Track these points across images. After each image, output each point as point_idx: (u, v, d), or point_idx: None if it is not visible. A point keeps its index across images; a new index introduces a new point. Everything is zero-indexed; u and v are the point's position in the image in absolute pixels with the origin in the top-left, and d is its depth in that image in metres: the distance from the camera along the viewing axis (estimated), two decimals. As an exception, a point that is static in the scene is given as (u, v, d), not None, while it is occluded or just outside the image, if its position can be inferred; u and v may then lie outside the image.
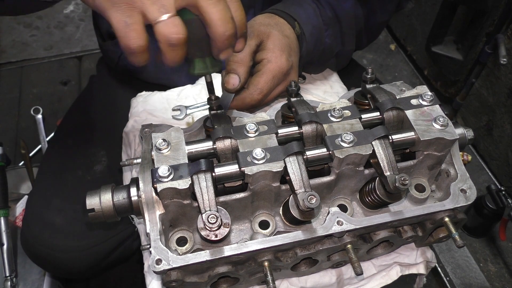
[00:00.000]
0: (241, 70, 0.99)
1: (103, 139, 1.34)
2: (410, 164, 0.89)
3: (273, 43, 1.03)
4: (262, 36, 1.04)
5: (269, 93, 1.04)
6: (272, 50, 1.02)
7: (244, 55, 1.00)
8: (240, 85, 1.00)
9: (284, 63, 1.02)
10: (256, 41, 1.03)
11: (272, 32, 1.04)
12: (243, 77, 1.00)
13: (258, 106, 1.04)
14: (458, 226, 0.90)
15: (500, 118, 2.27)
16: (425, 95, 0.89)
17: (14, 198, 1.79)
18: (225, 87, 1.00)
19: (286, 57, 1.03)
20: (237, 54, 1.00)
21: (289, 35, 1.07)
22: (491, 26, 2.18)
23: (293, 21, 1.10)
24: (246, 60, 1.00)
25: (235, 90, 1.00)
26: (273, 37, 1.03)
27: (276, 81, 1.03)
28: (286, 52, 1.04)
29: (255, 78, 1.02)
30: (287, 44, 1.05)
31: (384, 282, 1.00)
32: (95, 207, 0.80)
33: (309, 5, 1.14)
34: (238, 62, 1.00)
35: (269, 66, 1.01)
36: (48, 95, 2.88)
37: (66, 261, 1.19)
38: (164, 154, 0.80)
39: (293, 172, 0.78)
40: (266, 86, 1.01)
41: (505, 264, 2.18)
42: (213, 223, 0.74)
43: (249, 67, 1.02)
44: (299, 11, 1.12)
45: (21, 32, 3.26)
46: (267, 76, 1.01)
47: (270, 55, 1.02)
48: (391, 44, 3.28)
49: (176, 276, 0.76)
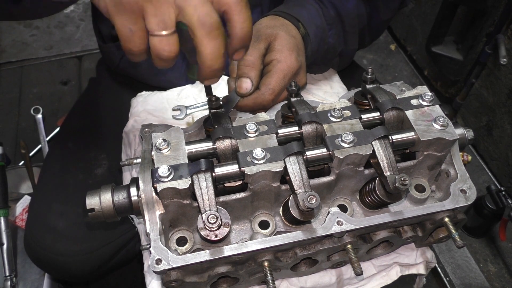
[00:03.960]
0: (252, 74, 0.99)
1: (104, 142, 1.34)
2: (410, 164, 0.89)
3: (281, 43, 1.03)
4: (270, 38, 1.04)
5: (280, 93, 1.03)
6: (281, 51, 1.02)
7: (254, 59, 1.00)
8: (253, 89, 1.00)
9: (294, 63, 1.03)
10: (265, 44, 1.03)
11: (279, 33, 1.04)
12: (255, 80, 1.00)
13: (269, 106, 1.04)
14: (458, 226, 0.90)
15: (500, 118, 2.27)
16: (425, 95, 0.88)
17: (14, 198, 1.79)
18: (237, 91, 1.00)
19: (295, 56, 1.03)
20: (248, 58, 1.00)
21: (295, 35, 1.08)
22: (491, 26, 2.18)
23: (297, 22, 1.10)
24: (257, 63, 1.01)
25: (248, 94, 1.00)
26: (281, 38, 1.03)
27: (287, 80, 1.03)
28: (295, 52, 1.04)
29: (266, 79, 1.02)
30: (295, 44, 1.05)
31: (384, 282, 1.00)
32: (95, 207, 0.80)
33: (312, 6, 1.14)
34: (249, 66, 1.00)
35: (279, 66, 1.01)
36: (48, 95, 2.88)
37: (68, 265, 1.19)
38: (164, 154, 0.80)
39: (293, 172, 0.78)
40: (278, 86, 1.01)
41: (505, 264, 2.18)
42: (213, 223, 0.74)
43: (260, 70, 1.02)
44: (302, 12, 1.12)
45: (21, 32, 3.26)
46: (278, 76, 1.01)
47: (279, 56, 1.02)
48: (391, 44, 3.28)
49: (176, 276, 0.76)
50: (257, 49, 1.02)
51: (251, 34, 0.72)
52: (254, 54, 1.01)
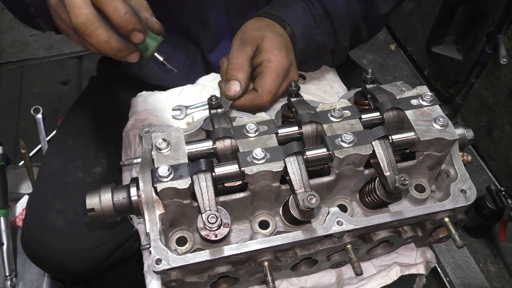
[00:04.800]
0: (241, 76, 1.00)
1: (103, 140, 1.34)
2: (410, 164, 0.89)
3: (269, 43, 1.03)
4: (257, 40, 1.04)
5: (276, 92, 1.04)
6: (271, 50, 1.03)
7: (242, 61, 1.01)
8: (242, 90, 1.00)
9: (284, 60, 1.03)
10: (252, 47, 1.04)
11: (266, 34, 1.05)
12: (244, 82, 1.00)
13: (266, 107, 1.04)
14: (458, 226, 0.90)
15: (500, 119, 2.27)
16: (425, 95, 0.89)
17: (14, 198, 1.79)
18: (226, 94, 1.00)
19: (285, 54, 1.04)
20: (235, 61, 1.01)
21: (282, 34, 1.08)
22: (491, 27, 2.18)
23: (283, 22, 1.11)
24: (245, 66, 1.01)
25: (237, 96, 1.00)
26: (268, 38, 1.04)
27: (281, 79, 1.03)
28: (284, 50, 1.04)
29: (260, 80, 1.02)
30: (283, 43, 1.06)
31: (384, 282, 1.00)
32: (95, 207, 0.80)
33: (298, 5, 1.14)
34: (237, 68, 1.00)
35: (271, 66, 1.02)
36: (48, 94, 2.88)
37: (66, 263, 1.19)
38: (164, 154, 0.80)
39: (293, 172, 0.78)
40: (273, 85, 1.02)
41: (505, 264, 2.18)
42: (213, 223, 0.74)
43: (249, 72, 1.02)
44: (288, 12, 1.12)
45: (21, 31, 3.26)
46: (271, 75, 1.01)
47: (269, 55, 1.02)
48: (391, 44, 3.28)
49: (176, 276, 0.76)
50: (244, 52, 1.02)
51: (127, 18, 0.77)
52: (241, 57, 1.02)
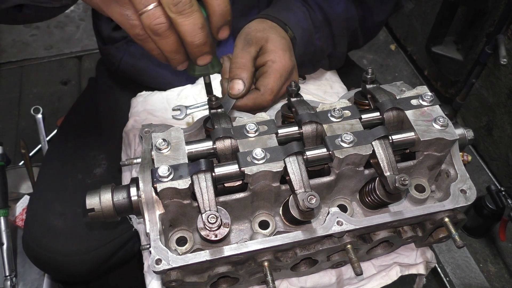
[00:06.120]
0: (244, 75, 1.00)
1: (103, 142, 1.34)
2: (410, 165, 0.89)
3: (273, 44, 1.04)
4: (261, 41, 1.05)
5: (278, 92, 1.04)
6: (275, 51, 1.03)
7: (245, 61, 1.01)
8: (245, 90, 1.00)
9: (288, 62, 1.03)
10: (256, 48, 1.04)
11: (270, 35, 1.05)
12: (247, 81, 1.00)
13: (268, 107, 1.04)
14: (458, 226, 0.90)
15: (500, 119, 2.27)
16: (425, 95, 0.88)
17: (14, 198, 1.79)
18: (229, 93, 1.00)
19: (289, 56, 1.04)
20: (239, 61, 1.01)
21: (285, 36, 1.09)
22: (491, 27, 2.18)
23: (284, 26, 1.11)
24: (248, 65, 1.01)
25: (240, 95, 1.00)
26: (272, 39, 1.04)
27: (283, 80, 1.04)
28: (288, 52, 1.05)
29: (263, 80, 1.02)
30: (287, 45, 1.06)
31: (384, 282, 1.00)
32: (95, 207, 0.80)
33: (299, 9, 1.16)
34: (240, 67, 1.00)
35: (274, 67, 1.02)
36: (48, 94, 2.88)
37: (67, 264, 1.19)
38: (164, 154, 0.80)
39: (293, 172, 0.78)
40: (276, 85, 1.02)
41: (505, 264, 2.18)
42: (213, 223, 0.74)
43: (252, 72, 1.03)
44: (289, 15, 1.13)
45: (21, 31, 3.26)
46: (275, 76, 1.02)
47: (273, 56, 1.03)
48: (391, 44, 3.28)
49: (176, 276, 0.76)
50: (247, 52, 1.03)
51: (229, 8, 0.74)
52: (245, 56, 1.02)
